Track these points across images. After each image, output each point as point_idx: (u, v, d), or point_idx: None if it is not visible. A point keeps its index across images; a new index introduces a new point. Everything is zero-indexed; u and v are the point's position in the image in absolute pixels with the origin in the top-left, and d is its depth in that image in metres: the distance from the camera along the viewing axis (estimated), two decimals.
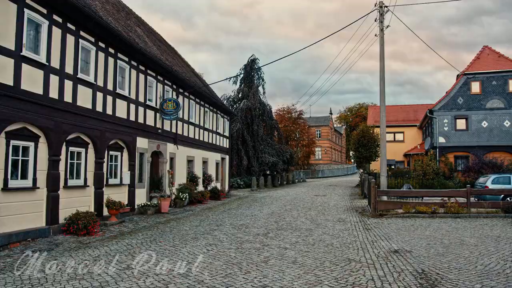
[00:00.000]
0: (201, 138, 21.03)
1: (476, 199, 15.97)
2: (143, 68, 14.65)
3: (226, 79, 36.51)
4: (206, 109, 21.94)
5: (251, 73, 37.60)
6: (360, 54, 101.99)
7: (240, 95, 37.02)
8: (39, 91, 9.38)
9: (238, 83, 38.11)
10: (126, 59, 13.44)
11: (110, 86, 12.39)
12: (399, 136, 39.47)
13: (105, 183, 12.17)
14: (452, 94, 28.53)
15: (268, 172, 35.75)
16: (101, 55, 11.97)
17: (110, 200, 11.74)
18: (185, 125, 18.74)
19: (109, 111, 12.33)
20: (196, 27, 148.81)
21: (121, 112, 13.06)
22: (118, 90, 12.78)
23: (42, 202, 9.62)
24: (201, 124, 21.09)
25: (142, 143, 14.50)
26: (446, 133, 28.26)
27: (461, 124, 28.01)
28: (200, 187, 20.32)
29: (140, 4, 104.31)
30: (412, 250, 8.59)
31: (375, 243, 9.41)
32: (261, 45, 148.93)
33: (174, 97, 17.13)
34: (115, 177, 12.96)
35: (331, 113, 76.64)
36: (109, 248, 8.52)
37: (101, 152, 11.89)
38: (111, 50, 12.52)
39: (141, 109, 14.43)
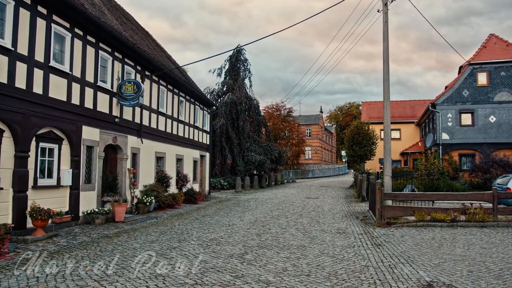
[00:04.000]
0: (174, 132, 18.04)
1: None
2: (92, 40, 11.65)
3: (204, 59, 33.82)
4: (181, 98, 18.95)
5: (236, 64, 34.65)
6: (345, 51, 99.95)
7: (224, 89, 34.01)
8: None
9: (223, 76, 35.06)
10: (67, 25, 10.41)
11: (39, 57, 9.38)
12: (395, 134, 36.67)
13: (31, 184, 9.16)
14: (456, 86, 25.86)
15: (254, 172, 32.88)
16: (25, 14, 8.94)
17: (34, 207, 8.72)
18: (154, 115, 15.74)
19: (37, 89, 9.31)
20: (185, 26, 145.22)
21: (57, 93, 10.04)
22: (52, 63, 9.75)
23: None
24: (175, 115, 18.09)
25: (90, 133, 11.49)
26: (450, 129, 25.61)
27: (466, 119, 25.35)
28: (173, 189, 17.34)
29: (128, 1, 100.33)
30: (453, 283, 5.85)
31: (395, 269, 6.64)
32: (250, 44, 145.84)
33: (138, 80, 14.13)
34: (50, 176, 9.94)
35: (321, 111, 73.98)
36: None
37: (24, 143, 8.88)
38: (42, 10, 9.48)
39: (89, 91, 11.42)
